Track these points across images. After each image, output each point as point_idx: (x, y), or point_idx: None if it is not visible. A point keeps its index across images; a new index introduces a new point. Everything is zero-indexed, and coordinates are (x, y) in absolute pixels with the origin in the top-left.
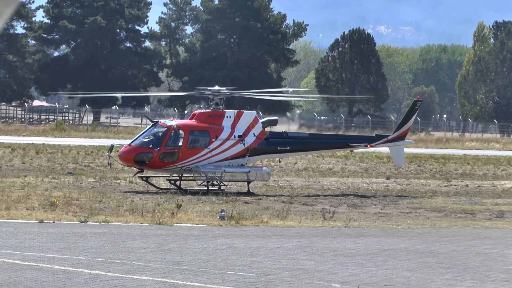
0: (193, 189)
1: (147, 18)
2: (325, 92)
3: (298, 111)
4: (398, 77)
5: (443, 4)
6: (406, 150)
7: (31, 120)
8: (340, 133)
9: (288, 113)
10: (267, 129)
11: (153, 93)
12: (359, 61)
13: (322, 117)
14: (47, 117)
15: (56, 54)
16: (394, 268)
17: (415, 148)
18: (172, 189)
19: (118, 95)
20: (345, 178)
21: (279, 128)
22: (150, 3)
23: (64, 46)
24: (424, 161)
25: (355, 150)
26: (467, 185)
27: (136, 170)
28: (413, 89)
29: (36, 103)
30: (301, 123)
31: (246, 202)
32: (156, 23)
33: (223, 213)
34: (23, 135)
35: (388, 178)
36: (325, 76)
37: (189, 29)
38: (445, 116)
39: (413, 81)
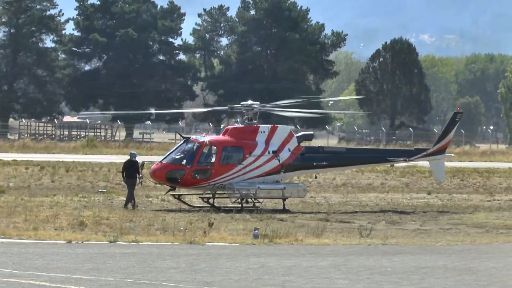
0: (226, 207)
1: (181, 30)
2: (365, 104)
3: (338, 124)
4: (442, 87)
5: (488, 11)
6: (449, 163)
7: (61, 136)
8: (381, 146)
9: (327, 127)
10: (303, 144)
11: (185, 109)
12: (401, 72)
13: (364, 130)
14: (78, 133)
15: (87, 68)
16: (431, 287)
17: (458, 162)
18: (205, 207)
19: (152, 111)
20: (385, 193)
21: (318, 142)
22: (184, 14)
23: (95, 59)
24: (467, 175)
25: (396, 165)
26: (511, 200)
27: (168, 187)
28: (458, 100)
29: (67, 118)
30: (340, 137)
31: (281, 220)
32: (190, 34)
33: (256, 231)
34: (53, 153)
35: (429, 193)
36: (365, 87)
37: (224, 41)
38: (491, 127)
39: (458, 92)
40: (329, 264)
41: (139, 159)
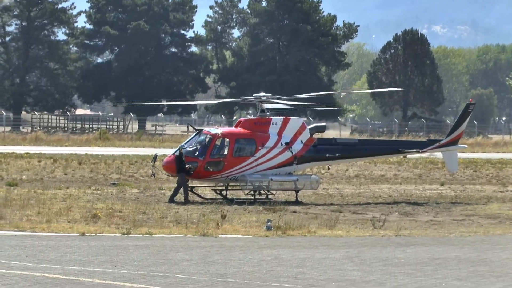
0: (239, 199)
1: (193, 22)
2: (377, 95)
3: (350, 116)
4: (454, 78)
5: (500, 2)
6: (462, 155)
7: (73, 129)
8: (394, 138)
9: (339, 118)
10: (315, 135)
11: (198, 101)
12: (412, 63)
13: (376, 122)
14: (91, 126)
15: (99, 60)
16: (444, 278)
17: (471, 153)
18: (218, 199)
19: (164, 103)
20: (398, 185)
21: (331, 133)
22: (196, 7)
23: (107, 52)
24: (480, 166)
25: (408, 156)
26: None
27: None
28: (470, 91)
29: (79, 111)
30: (353, 128)
31: (294, 212)
32: (202, 27)
33: (269, 223)
34: (66, 145)
35: (442, 185)
36: (377, 79)
37: (236, 33)
38: (504, 118)
39: (470, 83)
40: (342, 256)
41: (153, 151)
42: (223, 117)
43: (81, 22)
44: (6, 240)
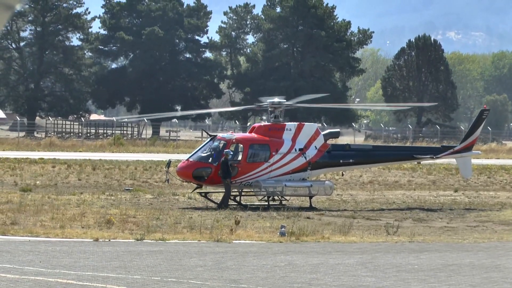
0: (253, 205)
1: (207, 28)
2: (392, 101)
3: (365, 121)
4: (469, 85)
5: None
6: (476, 161)
7: (88, 135)
8: (408, 144)
9: (354, 124)
10: (329, 141)
11: (212, 109)
12: (426, 69)
13: (390, 128)
14: (105, 131)
15: (113, 66)
16: (458, 284)
17: (485, 159)
18: (232, 204)
19: (178, 113)
20: (412, 191)
21: (345, 139)
22: (210, 12)
23: (121, 58)
24: (494, 172)
25: (423, 162)
26: None
27: (194, 185)
28: (484, 98)
29: (94, 117)
30: (367, 134)
31: (308, 218)
32: (216, 32)
33: (283, 229)
34: (80, 151)
35: (456, 191)
36: (391, 85)
37: (250, 39)
38: None
39: (485, 89)
40: (356, 262)
41: (165, 157)
42: (237, 122)
43: (96, 27)
44: (20, 246)
